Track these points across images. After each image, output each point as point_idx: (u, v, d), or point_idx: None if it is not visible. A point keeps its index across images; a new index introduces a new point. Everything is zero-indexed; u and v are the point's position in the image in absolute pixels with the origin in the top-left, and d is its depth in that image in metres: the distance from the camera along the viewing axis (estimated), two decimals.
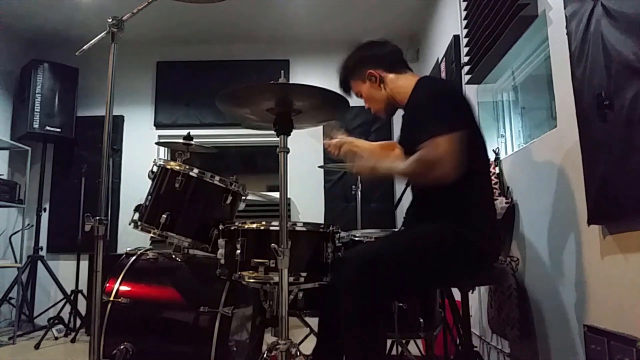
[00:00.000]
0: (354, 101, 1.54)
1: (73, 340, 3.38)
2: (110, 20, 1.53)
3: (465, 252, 1.50)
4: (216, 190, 1.89)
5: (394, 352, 2.24)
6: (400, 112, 1.82)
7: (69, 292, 3.73)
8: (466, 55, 2.70)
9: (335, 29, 4.34)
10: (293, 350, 1.40)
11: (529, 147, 2.07)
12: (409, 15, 4.03)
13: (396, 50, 1.83)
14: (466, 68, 2.71)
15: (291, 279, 1.49)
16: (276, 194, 1.56)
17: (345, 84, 1.85)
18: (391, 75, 1.76)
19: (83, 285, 3.74)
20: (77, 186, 3.92)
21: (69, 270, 3.93)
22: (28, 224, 3.92)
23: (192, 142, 2.24)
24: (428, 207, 1.66)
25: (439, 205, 1.57)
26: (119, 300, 1.77)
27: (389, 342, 2.18)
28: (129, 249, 2.02)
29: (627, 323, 1.37)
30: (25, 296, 3.86)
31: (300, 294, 1.73)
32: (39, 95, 3.96)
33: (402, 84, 1.73)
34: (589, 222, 1.53)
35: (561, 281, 1.77)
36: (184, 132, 2.31)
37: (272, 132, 1.47)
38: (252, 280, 1.54)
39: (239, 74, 4.45)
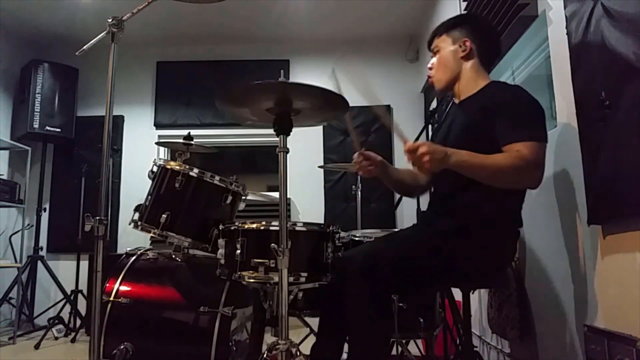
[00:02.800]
0: (354, 101, 1.53)
1: (73, 340, 3.38)
2: (110, 20, 1.53)
3: (488, 259, 1.50)
4: (216, 190, 1.89)
5: (394, 352, 2.24)
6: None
7: (69, 292, 3.73)
8: None
9: (335, 29, 4.34)
10: (293, 350, 1.40)
11: None
12: (409, 15, 4.03)
13: (498, 49, 1.75)
14: None
15: (291, 279, 1.49)
16: (276, 194, 1.55)
17: (435, 33, 1.74)
18: (475, 61, 1.66)
19: (83, 285, 3.74)
20: (77, 186, 3.92)
21: (69, 270, 3.93)
22: (28, 224, 3.92)
23: (192, 142, 2.24)
24: (459, 208, 1.58)
25: (471, 209, 1.52)
26: (119, 300, 1.77)
27: None
28: (129, 249, 2.02)
29: (627, 323, 1.37)
30: (25, 296, 3.86)
31: (300, 294, 1.73)
32: (39, 95, 3.96)
33: (476, 77, 1.65)
34: (589, 222, 1.53)
35: (561, 281, 1.77)
36: (184, 132, 2.31)
37: (272, 132, 1.47)
38: (252, 280, 1.54)
39: (239, 74, 4.45)
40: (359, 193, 3.15)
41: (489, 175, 1.39)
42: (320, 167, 3.67)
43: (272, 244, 1.38)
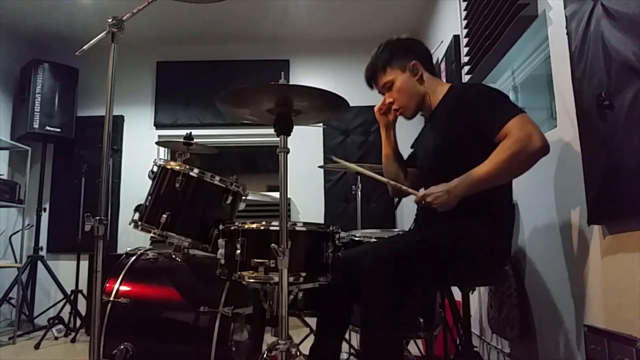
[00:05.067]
0: (354, 101, 1.53)
1: (73, 340, 3.38)
2: (110, 20, 1.53)
3: (485, 251, 1.51)
4: (216, 190, 1.89)
5: None
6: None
7: (69, 292, 3.73)
8: (466, 55, 2.70)
9: (335, 29, 4.34)
10: (293, 350, 1.40)
11: None
12: (409, 15, 4.03)
13: (429, 52, 1.81)
14: (466, 68, 2.72)
15: (291, 279, 1.49)
16: (276, 194, 1.55)
17: (375, 72, 1.74)
18: (427, 75, 1.74)
19: (83, 285, 3.74)
20: (77, 186, 3.92)
21: (69, 270, 3.93)
22: (28, 224, 3.92)
23: (193, 142, 2.24)
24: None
25: (462, 204, 1.49)
26: (119, 300, 1.77)
27: None
28: (129, 249, 2.02)
29: (627, 323, 1.37)
30: (25, 296, 3.86)
31: (300, 294, 1.73)
32: (39, 95, 3.96)
33: (437, 87, 1.73)
34: (589, 222, 1.53)
35: (561, 281, 1.77)
36: (184, 132, 2.31)
37: (273, 132, 1.47)
38: (252, 280, 1.54)
39: (239, 74, 4.45)
40: (359, 193, 3.15)
41: (502, 175, 1.43)
42: (320, 167, 3.67)
43: (272, 244, 1.38)
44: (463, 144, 1.56)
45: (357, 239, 2.01)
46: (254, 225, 1.58)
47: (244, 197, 2.00)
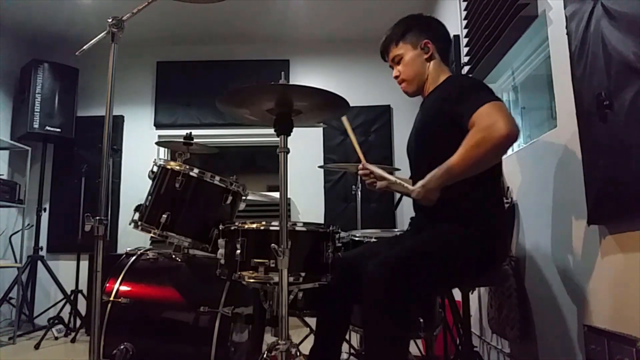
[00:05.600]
0: (354, 101, 1.53)
1: (73, 340, 3.38)
2: (110, 20, 1.53)
3: (481, 254, 1.50)
4: (216, 190, 1.89)
5: None
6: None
7: (69, 292, 3.73)
8: (466, 55, 2.70)
9: (335, 29, 4.35)
10: (293, 350, 1.40)
11: (529, 147, 2.07)
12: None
13: (450, 41, 1.80)
14: (466, 68, 2.72)
15: (291, 279, 1.49)
16: (276, 194, 1.55)
17: (389, 44, 1.77)
18: (437, 59, 1.72)
19: (83, 285, 3.74)
20: (77, 186, 3.92)
21: (69, 270, 3.93)
22: (28, 224, 3.92)
23: (193, 142, 2.24)
24: (443, 211, 1.53)
25: (455, 208, 1.50)
26: (119, 300, 1.77)
27: None
28: (129, 249, 2.02)
29: (627, 323, 1.37)
30: (25, 296, 3.87)
31: (300, 294, 1.74)
32: (39, 95, 3.96)
33: (438, 74, 1.71)
34: (589, 222, 1.53)
35: (561, 281, 1.77)
36: (184, 132, 2.31)
37: (273, 132, 1.47)
38: (252, 280, 1.54)
39: (239, 74, 4.45)
40: (359, 193, 3.15)
41: (470, 165, 1.36)
42: (320, 167, 3.67)
43: (272, 244, 1.38)
44: (441, 135, 1.55)
45: (357, 239, 2.01)
46: (254, 225, 1.58)
47: (244, 197, 2.00)
